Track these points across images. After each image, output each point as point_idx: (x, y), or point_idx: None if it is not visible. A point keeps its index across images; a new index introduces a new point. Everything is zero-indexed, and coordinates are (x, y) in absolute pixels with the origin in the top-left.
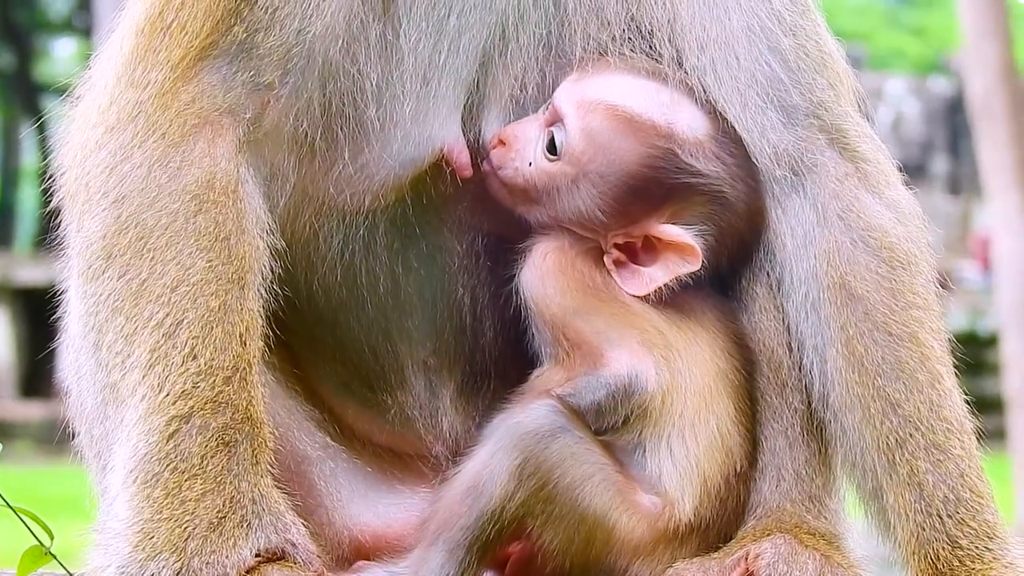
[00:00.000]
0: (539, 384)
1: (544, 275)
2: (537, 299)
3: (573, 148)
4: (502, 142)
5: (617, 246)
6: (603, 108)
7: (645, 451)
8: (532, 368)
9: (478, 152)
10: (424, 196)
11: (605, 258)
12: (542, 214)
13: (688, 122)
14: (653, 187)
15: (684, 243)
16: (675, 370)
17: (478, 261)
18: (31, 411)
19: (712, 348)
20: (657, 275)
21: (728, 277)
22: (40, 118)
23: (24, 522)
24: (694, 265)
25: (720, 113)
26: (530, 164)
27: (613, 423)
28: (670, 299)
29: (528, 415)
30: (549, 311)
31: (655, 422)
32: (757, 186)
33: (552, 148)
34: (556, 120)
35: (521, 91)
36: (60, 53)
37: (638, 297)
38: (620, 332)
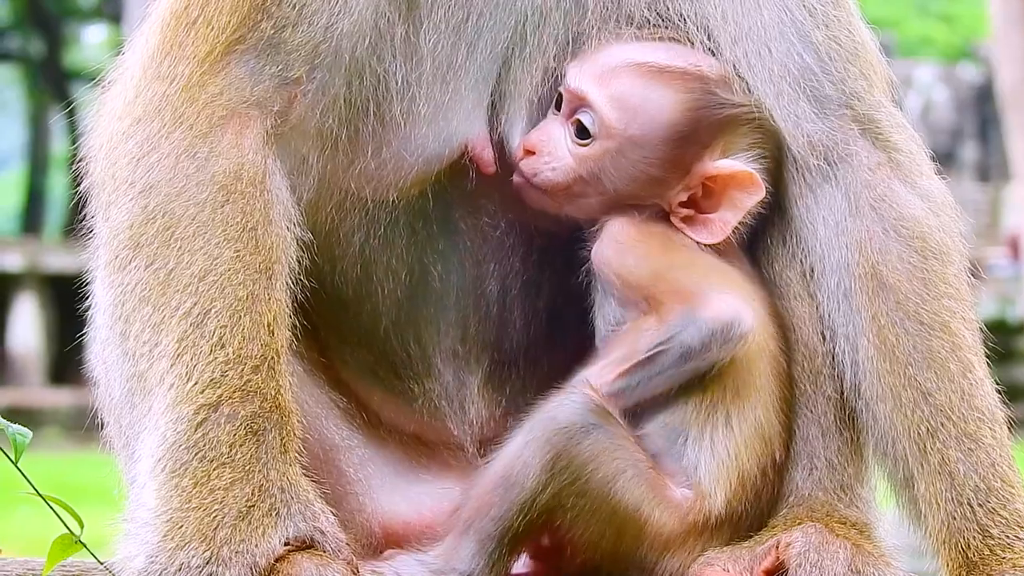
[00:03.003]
0: (630, 332)
1: (625, 247)
2: (622, 271)
3: (606, 120)
4: (528, 152)
5: (682, 204)
6: (624, 70)
7: (688, 439)
8: (560, 356)
9: (502, 148)
10: (448, 191)
11: (672, 219)
12: (595, 203)
13: (708, 62)
14: (700, 129)
15: (741, 172)
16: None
17: (507, 252)
18: (60, 398)
19: (768, 330)
20: (728, 217)
21: (762, 262)
22: (69, 105)
23: (54, 510)
24: (759, 194)
25: (757, 101)
26: (566, 159)
27: (694, 370)
28: (742, 274)
29: (561, 409)
30: (637, 276)
31: (736, 396)
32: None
33: (583, 133)
34: (577, 106)
35: (543, 88)
36: (89, 40)
37: (721, 262)
38: (719, 280)
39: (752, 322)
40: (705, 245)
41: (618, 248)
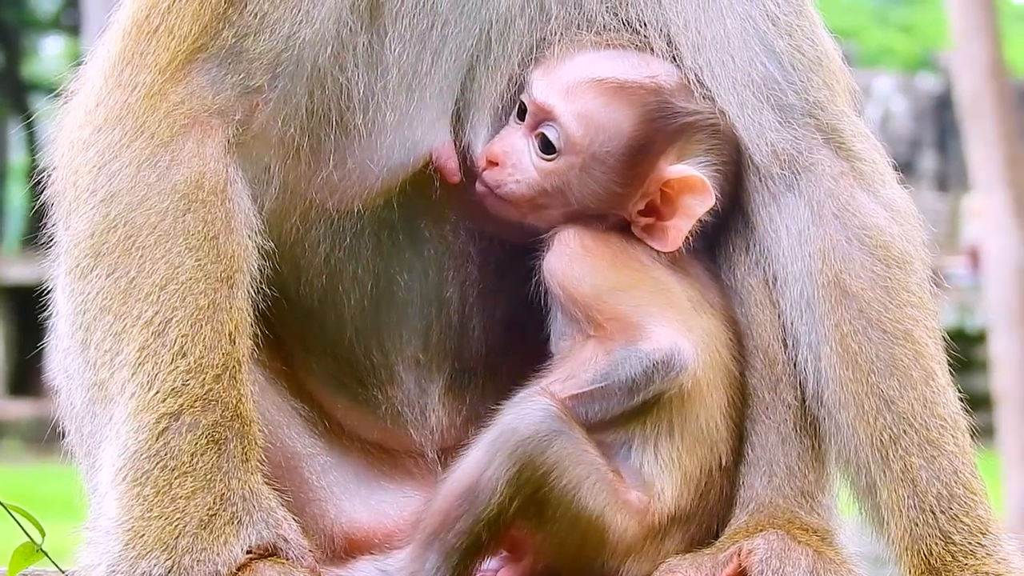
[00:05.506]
0: (572, 357)
1: (572, 258)
2: (566, 283)
3: (572, 137)
4: (491, 162)
5: (641, 212)
6: (588, 87)
7: (631, 447)
8: (518, 364)
9: (467, 156)
10: (412, 199)
11: (633, 228)
12: (557, 214)
13: (665, 71)
14: (656, 139)
15: (693, 177)
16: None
17: (466, 260)
18: (20, 409)
19: (720, 338)
20: (681, 224)
21: (724, 269)
22: (29, 116)
23: (15, 518)
24: (709, 201)
25: (720, 109)
26: (530, 172)
27: (641, 402)
28: (694, 282)
29: (524, 419)
30: (580, 292)
31: (680, 407)
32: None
33: (547, 147)
34: (542, 119)
35: (507, 95)
36: (48, 51)
37: (671, 275)
38: (660, 308)
39: (692, 352)
40: (660, 254)
41: (565, 259)
